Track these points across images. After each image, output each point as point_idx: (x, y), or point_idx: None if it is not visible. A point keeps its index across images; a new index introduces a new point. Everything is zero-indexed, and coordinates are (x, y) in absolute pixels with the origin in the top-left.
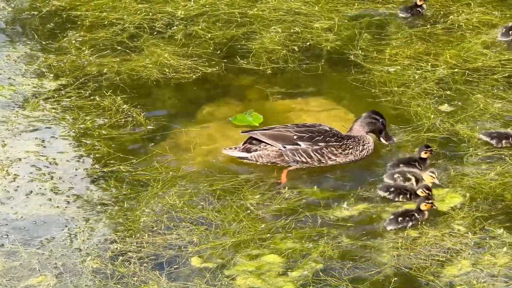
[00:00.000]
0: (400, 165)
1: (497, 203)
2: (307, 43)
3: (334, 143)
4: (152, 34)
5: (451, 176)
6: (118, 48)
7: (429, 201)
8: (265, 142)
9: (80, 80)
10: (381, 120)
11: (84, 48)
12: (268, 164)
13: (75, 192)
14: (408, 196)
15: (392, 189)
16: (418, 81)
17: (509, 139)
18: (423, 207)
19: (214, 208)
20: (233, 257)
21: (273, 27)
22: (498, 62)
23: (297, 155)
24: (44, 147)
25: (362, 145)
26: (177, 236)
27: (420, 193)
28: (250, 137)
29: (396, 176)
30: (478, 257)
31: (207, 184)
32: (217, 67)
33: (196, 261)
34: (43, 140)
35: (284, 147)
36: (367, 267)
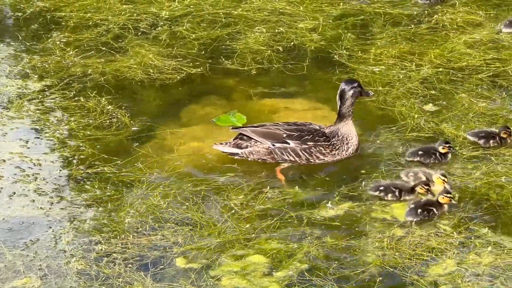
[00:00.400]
0: (419, 152)
1: (482, 203)
2: (292, 43)
3: (323, 143)
4: (136, 35)
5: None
6: (103, 49)
7: (448, 195)
8: (255, 139)
9: (65, 81)
10: (357, 84)
11: (68, 49)
12: (259, 161)
13: (59, 194)
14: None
15: (382, 187)
16: (402, 80)
17: (496, 138)
18: (441, 200)
19: (199, 208)
20: (218, 258)
21: (257, 28)
22: (482, 62)
23: (285, 154)
24: (28, 148)
25: (347, 144)
26: (162, 237)
27: (419, 190)
28: (240, 133)
29: (410, 175)
30: (463, 257)
31: (191, 184)
32: (202, 68)
33: (181, 262)
34: (27, 141)
35: (273, 145)
36: (352, 266)
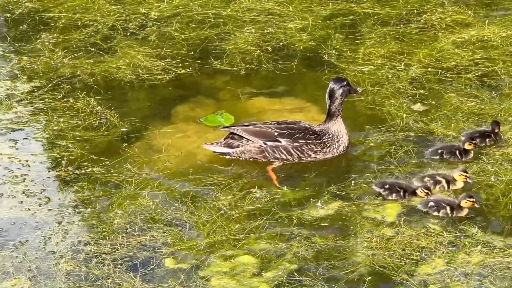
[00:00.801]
0: (439, 151)
1: None
2: (281, 44)
3: (314, 141)
4: (125, 36)
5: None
6: (92, 50)
7: (471, 199)
8: (246, 138)
9: (54, 82)
10: (345, 82)
11: (57, 49)
12: (250, 160)
13: (47, 195)
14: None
15: (387, 185)
16: (391, 80)
17: (492, 136)
18: (463, 204)
19: (188, 209)
20: (207, 258)
21: (246, 28)
22: (471, 61)
23: (277, 152)
24: (17, 149)
25: (337, 142)
26: (151, 238)
27: (419, 193)
28: (231, 132)
29: (426, 179)
30: (452, 256)
31: (179, 185)
32: (191, 68)
33: (170, 262)
34: (16, 142)
35: (265, 144)
36: (342, 266)
